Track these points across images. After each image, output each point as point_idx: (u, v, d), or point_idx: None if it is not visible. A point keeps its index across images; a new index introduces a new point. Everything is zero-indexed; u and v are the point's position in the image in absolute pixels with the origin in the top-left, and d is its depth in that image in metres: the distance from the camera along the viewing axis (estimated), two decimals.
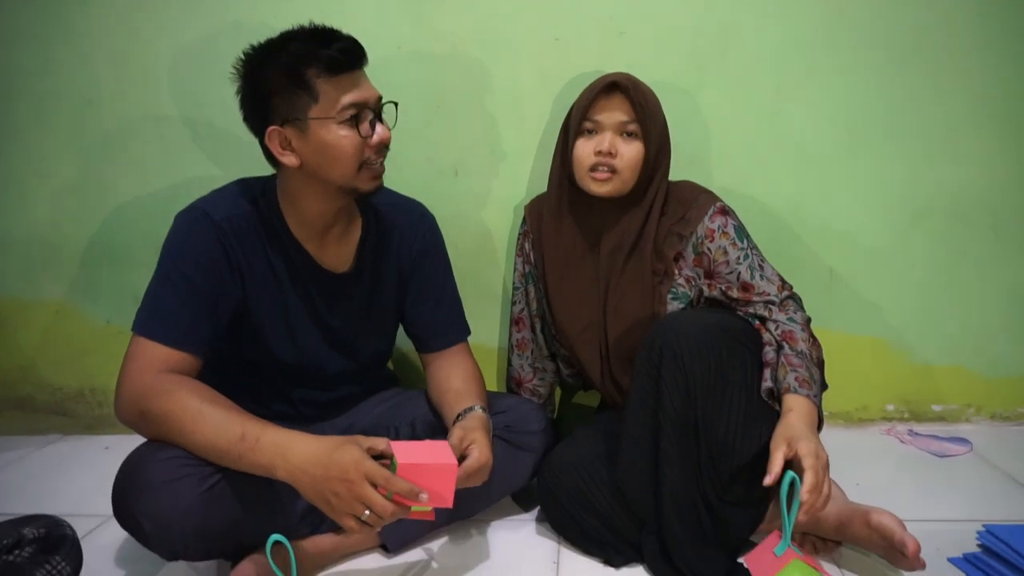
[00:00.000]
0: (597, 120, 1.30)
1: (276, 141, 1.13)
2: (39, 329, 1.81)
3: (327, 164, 1.14)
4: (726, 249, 1.30)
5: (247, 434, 1.01)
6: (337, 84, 1.10)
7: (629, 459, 1.18)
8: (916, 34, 1.56)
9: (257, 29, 1.58)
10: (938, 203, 1.63)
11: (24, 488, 1.55)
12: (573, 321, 1.39)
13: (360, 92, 1.13)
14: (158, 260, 1.15)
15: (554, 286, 1.40)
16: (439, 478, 1.01)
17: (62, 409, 1.84)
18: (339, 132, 1.12)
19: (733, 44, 1.57)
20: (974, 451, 1.58)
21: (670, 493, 1.13)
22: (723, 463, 1.13)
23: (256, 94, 1.13)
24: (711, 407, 1.13)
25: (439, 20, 1.59)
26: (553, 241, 1.40)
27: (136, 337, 1.10)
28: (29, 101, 1.70)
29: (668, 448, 1.13)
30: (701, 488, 1.14)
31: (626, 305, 1.34)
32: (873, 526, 1.10)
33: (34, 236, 1.77)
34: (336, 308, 1.28)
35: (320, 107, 1.10)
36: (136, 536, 1.05)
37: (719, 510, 1.15)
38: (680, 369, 1.13)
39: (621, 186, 1.30)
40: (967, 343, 1.69)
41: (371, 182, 1.18)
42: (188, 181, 1.69)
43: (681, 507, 1.13)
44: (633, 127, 1.29)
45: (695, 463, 1.14)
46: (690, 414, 1.13)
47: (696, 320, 1.20)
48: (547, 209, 1.41)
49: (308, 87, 1.10)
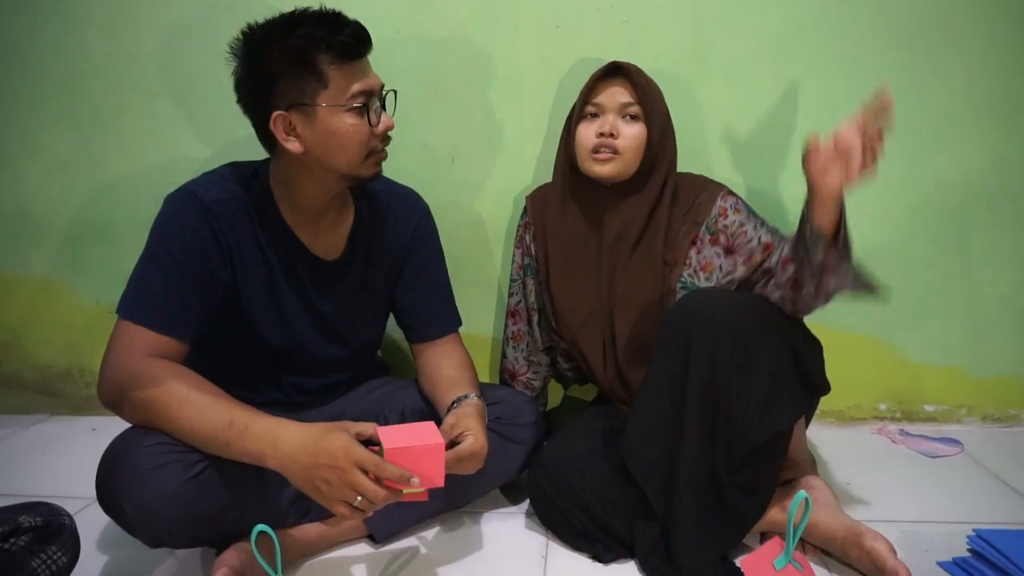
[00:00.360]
0: (599, 103, 1.30)
1: (281, 126, 1.10)
2: (27, 305, 1.79)
3: (333, 151, 1.12)
4: (741, 222, 1.31)
5: (235, 421, 1.00)
6: (347, 71, 1.09)
7: (643, 433, 1.17)
8: (917, 23, 1.54)
9: (251, 6, 1.55)
10: (938, 198, 1.62)
11: (9, 469, 1.54)
12: (575, 312, 1.37)
13: (368, 80, 1.12)
14: (146, 242, 1.13)
15: (556, 276, 1.39)
16: (427, 459, 1.01)
17: (49, 389, 1.82)
18: (348, 120, 1.10)
19: (734, 33, 1.55)
20: (965, 452, 1.58)
21: (687, 467, 1.12)
22: (737, 444, 1.12)
23: (259, 77, 1.10)
24: (734, 385, 1.12)
25: (439, 3, 1.57)
26: (556, 230, 1.39)
27: (121, 321, 1.08)
28: (18, 73, 1.67)
29: (691, 420, 1.13)
30: (713, 465, 1.13)
31: (634, 295, 1.33)
32: (865, 549, 1.09)
33: (23, 211, 1.74)
34: (327, 295, 1.26)
35: (329, 93, 1.09)
36: (119, 522, 1.04)
37: (728, 492, 1.14)
38: (710, 340, 1.12)
39: (624, 167, 1.29)
40: (961, 343, 1.69)
41: (373, 168, 1.17)
42: (179, 159, 1.66)
43: (696, 482, 1.12)
44: (635, 109, 1.28)
45: (710, 439, 1.13)
46: (712, 388, 1.12)
47: (729, 297, 1.20)
48: (552, 198, 1.40)
49: (318, 73, 1.08)
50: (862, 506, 1.34)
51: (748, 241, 1.29)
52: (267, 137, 1.14)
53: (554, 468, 1.23)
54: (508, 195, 1.64)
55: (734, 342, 1.12)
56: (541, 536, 1.27)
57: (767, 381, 1.13)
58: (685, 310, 1.17)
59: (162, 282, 1.09)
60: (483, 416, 1.18)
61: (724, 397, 1.12)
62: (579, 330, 1.37)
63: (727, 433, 1.13)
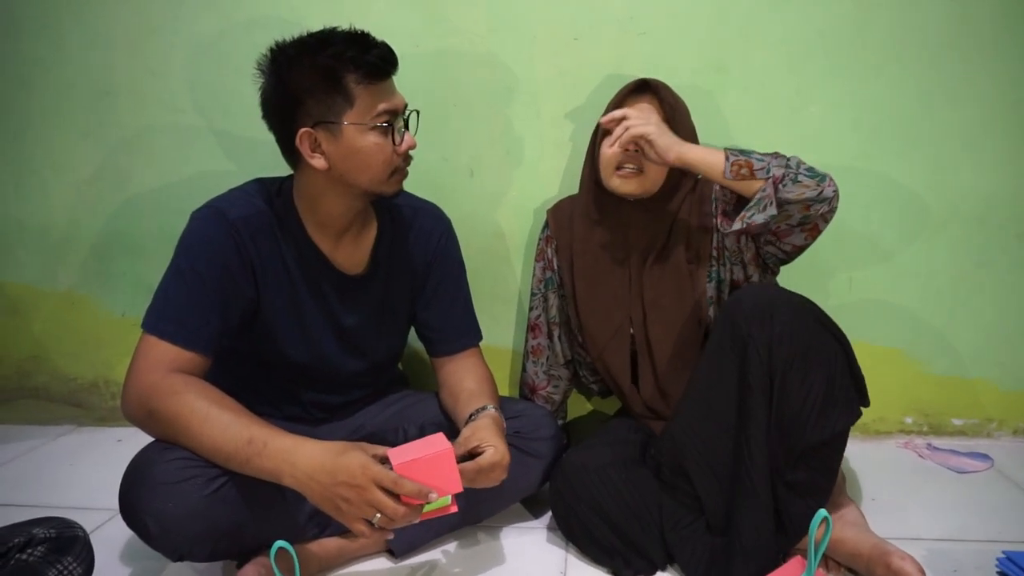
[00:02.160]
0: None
1: (307, 143, 1.12)
2: (55, 319, 1.82)
3: (356, 168, 1.14)
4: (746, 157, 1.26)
5: (254, 438, 1.01)
6: (373, 91, 1.11)
7: (699, 435, 1.16)
8: (941, 35, 1.52)
9: (272, 23, 1.59)
10: (961, 210, 1.60)
11: (37, 479, 1.56)
12: (602, 329, 1.37)
13: (393, 100, 1.14)
14: (172, 257, 1.15)
15: (582, 292, 1.38)
16: (438, 467, 1.01)
17: (76, 400, 1.85)
18: (372, 139, 1.12)
19: (753, 44, 1.54)
20: (995, 468, 1.54)
21: (751, 468, 1.10)
22: (794, 440, 1.11)
23: (287, 94, 1.11)
24: (793, 383, 1.10)
25: (457, 17, 1.57)
26: (582, 247, 1.38)
27: (145, 335, 1.10)
28: (45, 90, 1.71)
29: (757, 411, 1.11)
30: (773, 466, 1.12)
31: (663, 297, 1.32)
32: (893, 569, 1.07)
33: (51, 226, 1.78)
34: (350, 309, 1.27)
35: (355, 112, 1.11)
36: (142, 536, 1.06)
37: (782, 495, 1.12)
38: (769, 331, 1.10)
39: (649, 185, 1.29)
40: (988, 355, 1.66)
41: (395, 186, 1.19)
42: (203, 174, 1.69)
43: (760, 484, 1.10)
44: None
45: (771, 437, 1.11)
46: (770, 385, 1.11)
47: (784, 293, 1.18)
48: (577, 214, 1.40)
49: (345, 92, 1.10)
50: (888, 522, 1.31)
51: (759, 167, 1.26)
52: (292, 153, 1.16)
53: (576, 479, 1.22)
54: (527, 207, 1.64)
55: (792, 339, 1.10)
56: (560, 551, 1.26)
57: (824, 380, 1.11)
58: (739, 306, 1.15)
59: (186, 297, 1.11)
60: (501, 427, 1.18)
61: (781, 394, 1.11)
62: (606, 346, 1.37)
63: (782, 425, 1.11)
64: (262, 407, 1.10)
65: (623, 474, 1.22)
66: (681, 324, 1.32)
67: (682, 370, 1.31)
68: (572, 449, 1.31)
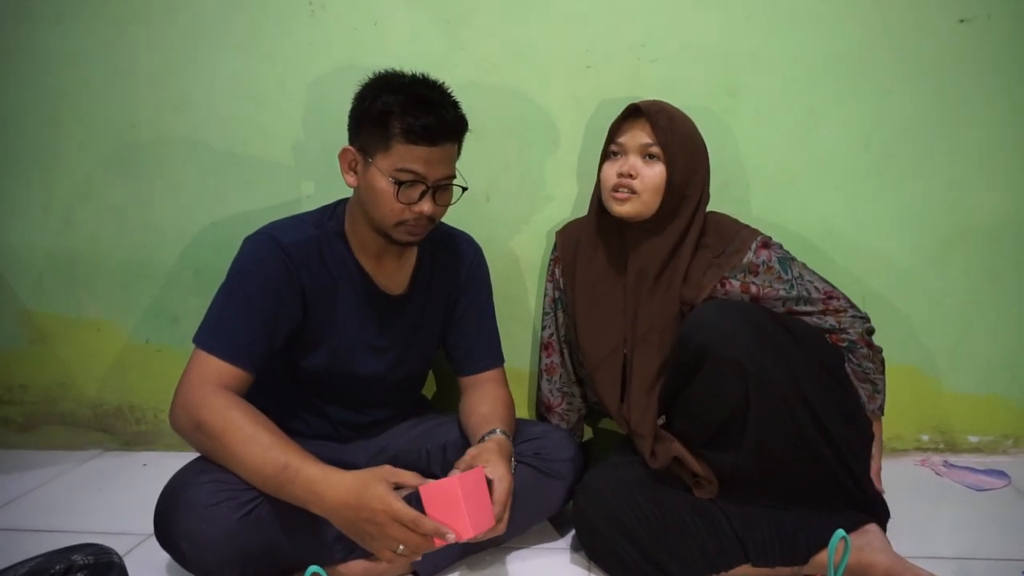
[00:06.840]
0: (621, 143, 1.33)
1: (347, 159, 1.22)
2: (80, 346, 1.86)
3: (370, 202, 1.21)
4: (771, 283, 1.32)
5: (289, 465, 1.04)
6: (412, 150, 1.16)
7: (775, 447, 1.17)
8: (951, 55, 1.55)
9: (291, 56, 1.63)
10: (974, 227, 1.61)
11: (67, 504, 1.58)
12: (596, 349, 1.39)
13: (424, 166, 1.17)
14: (224, 279, 1.22)
15: (581, 312, 1.41)
16: (472, 500, 1.03)
17: (101, 425, 1.88)
18: (386, 187, 1.18)
19: (764, 67, 1.57)
20: (1012, 485, 1.55)
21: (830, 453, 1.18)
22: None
23: (357, 112, 1.21)
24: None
25: (472, 45, 1.61)
26: (585, 267, 1.41)
27: (197, 350, 1.16)
28: (71, 123, 1.75)
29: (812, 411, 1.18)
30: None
31: (653, 334, 1.34)
32: None
33: (77, 254, 1.81)
34: (387, 329, 1.33)
35: (385, 158, 1.17)
36: (175, 557, 1.09)
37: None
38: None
39: (643, 208, 1.31)
40: (1003, 371, 1.66)
41: (405, 237, 1.23)
42: (224, 204, 1.72)
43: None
44: (655, 150, 1.31)
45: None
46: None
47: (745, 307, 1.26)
48: (584, 235, 1.43)
49: (386, 137, 1.16)
50: (908, 541, 1.31)
51: (776, 299, 1.32)
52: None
53: (599, 498, 1.24)
54: (542, 231, 1.67)
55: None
56: (584, 572, 1.27)
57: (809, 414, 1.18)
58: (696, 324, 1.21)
59: (236, 317, 1.17)
60: (505, 452, 1.20)
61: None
62: (599, 367, 1.39)
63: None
64: (293, 423, 1.14)
65: (645, 492, 1.23)
66: (665, 358, 1.32)
67: (649, 407, 1.32)
68: (595, 468, 1.32)
